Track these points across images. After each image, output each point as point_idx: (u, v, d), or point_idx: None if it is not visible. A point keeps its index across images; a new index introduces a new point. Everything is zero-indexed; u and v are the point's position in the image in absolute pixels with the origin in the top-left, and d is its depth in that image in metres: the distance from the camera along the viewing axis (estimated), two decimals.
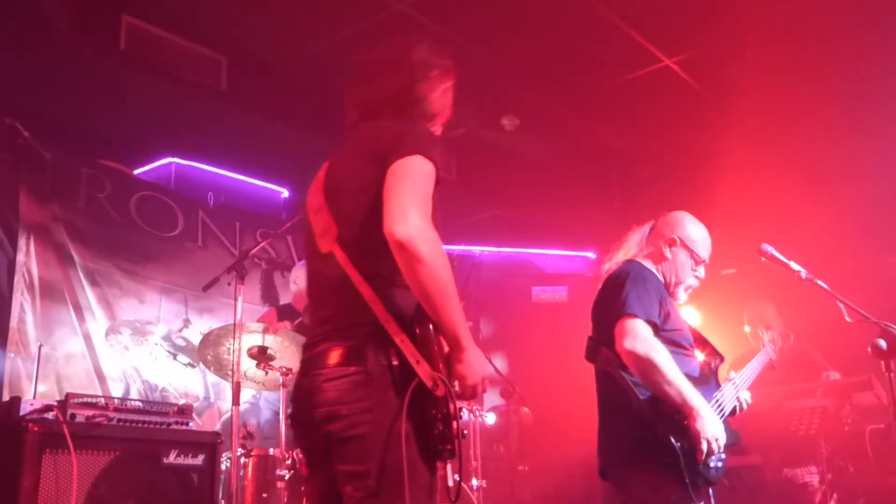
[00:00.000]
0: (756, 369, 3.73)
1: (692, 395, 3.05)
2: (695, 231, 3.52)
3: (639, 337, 3.08)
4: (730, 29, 5.46)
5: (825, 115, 6.38)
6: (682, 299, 3.51)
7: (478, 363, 2.22)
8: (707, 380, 3.32)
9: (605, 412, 3.32)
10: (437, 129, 2.65)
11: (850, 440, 4.72)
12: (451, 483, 2.17)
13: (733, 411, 3.48)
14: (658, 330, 3.17)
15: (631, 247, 3.58)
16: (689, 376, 3.18)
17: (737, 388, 3.48)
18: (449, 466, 2.18)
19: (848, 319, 3.42)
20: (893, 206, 6.93)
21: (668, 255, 3.46)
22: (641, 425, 3.04)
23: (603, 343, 3.22)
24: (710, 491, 3.16)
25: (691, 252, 3.47)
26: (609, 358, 3.16)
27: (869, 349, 3.29)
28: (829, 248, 6.39)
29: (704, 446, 3.00)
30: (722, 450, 3.08)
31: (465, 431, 2.21)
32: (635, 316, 3.12)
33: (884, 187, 6.89)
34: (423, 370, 2.11)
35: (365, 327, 2.17)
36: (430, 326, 2.16)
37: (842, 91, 6.13)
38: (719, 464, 3.12)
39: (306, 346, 2.34)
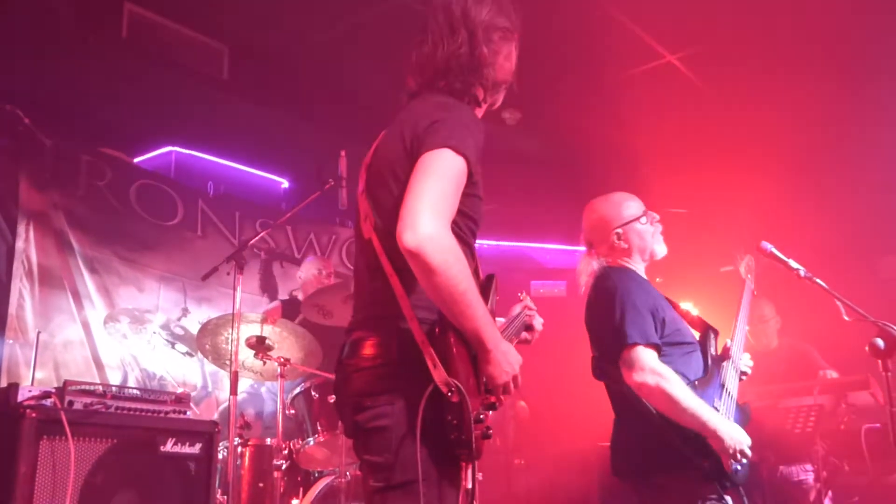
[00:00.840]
0: (745, 309, 3.69)
1: (709, 418, 3.03)
2: (614, 208, 3.53)
3: (646, 368, 3.05)
4: (732, 26, 5.45)
5: (826, 113, 6.37)
6: (662, 251, 3.48)
7: (506, 362, 2.15)
8: (712, 372, 3.30)
9: (623, 424, 3.27)
10: (499, 99, 2.57)
11: (845, 439, 4.73)
12: (468, 486, 2.10)
13: (742, 375, 3.49)
14: (661, 350, 3.15)
15: (587, 268, 3.56)
16: (698, 380, 3.17)
17: (734, 362, 3.45)
18: (470, 469, 2.12)
19: (846, 318, 3.43)
20: (892, 206, 6.94)
21: (625, 245, 3.44)
22: (663, 445, 3.04)
23: (608, 362, 3.20)
24: (741, 489, 3.15)
25: (631, 222, 3.45)
26: (616, 376, 3.14)
27: (866, 348, 3.29)
28: (827, 247, 6.39)
29: (731, 461, 3.01)
30: (748, 455, 3.07)
31: (490, 431, 2.11)
32: (636, 345, 3.10)
33: (883, 186, 6.89)
34: (438, 375, 2.04)
35: (392, 321, 2.14)
36: (452, 329, 2.09)
37: (843, 90, 6.13)
38: (744, 460, 3.12)
39: (346, 331, 2.31)
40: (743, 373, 3.49)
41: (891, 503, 4.56)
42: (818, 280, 3.49)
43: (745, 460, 3.11)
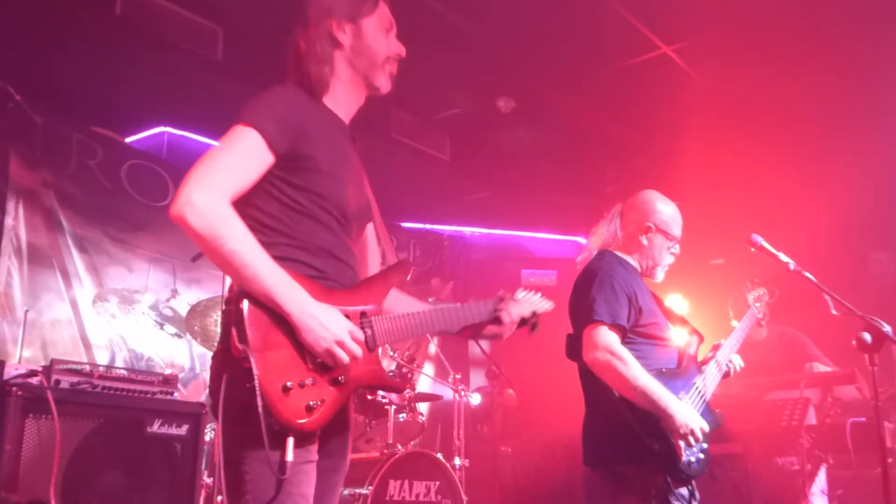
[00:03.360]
0: (743, 331, 3.72)
1: (660, 396, 3.04)
2: (666, 211, 3.50)
3: (600, 346, 3.08)
4: (728, 18, 5.44)
5: (820, 108, 6.39)
6: (660, 278, 3.51)
7: (319, 326, 2.08)
8: (686, 369, 3.32)
9: (589, 406, 3.33)
10: (376, 80, 2.46)
11: (831, 432, 4.76)
12: (287, 459, 2.03)
13: (727, 374, 3.50)
14: (626, 332, 3.17)
15: (601, 235, 3.56)
16: (666, 368, 3.20)
17: (718, 365, 3.47)
18: (291, 440, 2.05)
19: (834, 312, 3.44)
20: (882, 202, 6.96)
21: (645, 242, 3.45)
22: (623, 424, 3.06)
23: (578, 340, 3.22)
24: (693, 483, 3.17)
25: (666, 234, 3.46)
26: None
27: (853, 342, 3.30)
28: (817, 241, 6.41)
29: (681, 443, 3.02)
30: (702, 439, 3.09)
31: (317, 404, 2.09)
32: (601, 322, 3.12)
33: (874, 183, 6.91)
34: (231, 343, 2.03)
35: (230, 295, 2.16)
36: (246, 294, 2.06)
37: (838, 84, 6.14)
38: (700, 455, 3.14)
39: None
40: (727, 373, 3.50)
41: (874, 497, 4.59)
42: (807, 274, 3.50)
43: (701, 455, 3.12)
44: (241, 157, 2.17)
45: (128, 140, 6.68)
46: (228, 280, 2.04)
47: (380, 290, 2.37)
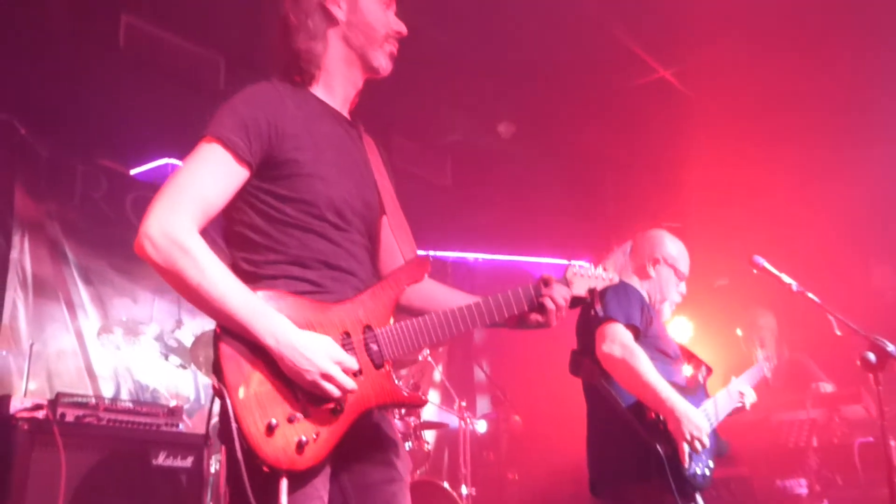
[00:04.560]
0: (749, 383, 3.74)
1: (669, 396, 3.05)
2: (675, 248, 3.59)
3: (616, 340, 3.11)
4: (724, 41, 5.49)
5: (817, 128, 6.41)
6: (667, 316, 3.55)
7: (300, 357, 1.88)
8: (694, 390, 3.33)
9: (592, 425, 3.33)
10: (374, 59, 2.23)
11: (838, 452, 4.74)
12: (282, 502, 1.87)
13: (741, 408, 3.50)
14: (639, 334, 3.19)
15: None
16: (674, 384, 3.20)
17: (732, 395, 3.48)
18: (284, 483, 1.87)
19: (837, 332, 3.45)
20: (883, 218, 6.97)
21: (653, 273, 3.51)
22: (627, 434, 3.05)
23: (585, 355, 3.23)
24: (699, 498, 3.16)
25: (674, 269, 3.53)
26: (591, 369, 3.16)
27: (858, 362, 3.30)
28: (820, 259, 6.41)
29: (686, 447, 3.01)
30: (707, 455, 3.08)
31: (309, 440, 1.89)
32: (615, 320, 3.14)
33: (875, 199, 6.92)
34: (213, 385, 1.88)
35: None
36: (224, 329, 1.92)
37: (835, 104, 6.16)
38: (706, 471, 3.13)
39: None
40: (742, 407, 3.51)
41: None
42: (810, 294, 3.51)
43: (707, 471, 3.11)
44: (205, 174, 1.98)
45: (132, 172, 6.71)
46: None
47: (389, 295, 2.11)
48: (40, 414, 3.78)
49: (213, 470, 4.47)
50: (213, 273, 1.89)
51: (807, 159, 6.77)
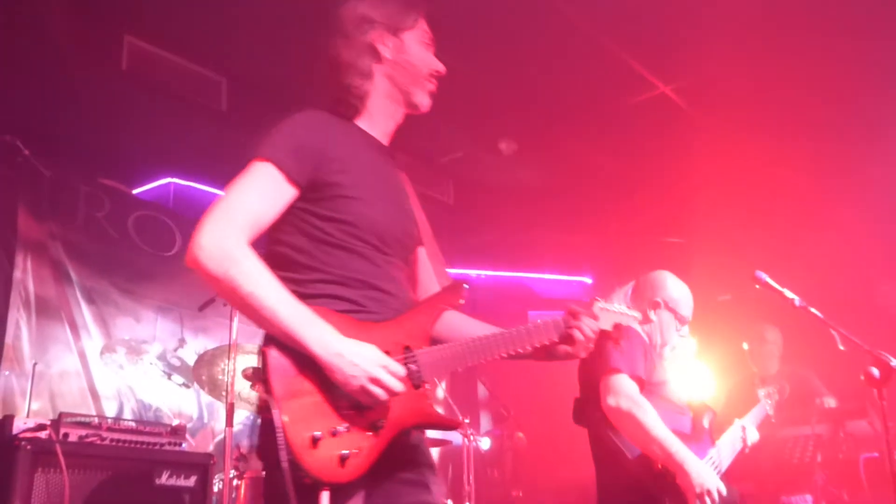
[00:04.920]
0: (753, 423, 3.73)
1: (677, 450, 3.01)
2: (676, 291, 3.54)
3: (622, 393, 3.07)
4: (725, 57, 5.51)
5: (819, 142, 6.42)
6: (668, 359, 3.52)
7: (348, 364, 1.93)
8: (699, 436, 3.30)
9: (600, 474, 3.29)
10: (416, 96, 2.35)
11: (844, 468, 4.72)
12: None
13: (742, 450, 3.47)
14: (644, 384, 3.16)
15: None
16: (679, 432, 3.16)
17: (735, 440, 3.46)
18: (325, 495, 1.90)
19: (841, 347, 3.43)
20: (887, 235, 6.97)
21: (653, 317, 3.47)
22: (635, 487, 3.02)
23: (589, 403, 3.20)
24: None
25: (675, 313, 3.49)
26: (597, 419, 3.14)
27: (861, 377, 3.29)
28: (823, 275, 6.41)
29: (697, 503, 2.97)
30: (716, 501, 3.01)
31: (350, 453, 1.93)
32: (619, 371, 3.11)
33: (879, 215, 6.92)
34: (259, 391, 1.94)
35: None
36: (272, 340, 1.96)
37: (836, 118, 6.18)
38: None
39: None
40: (745, 445, 3.48)
41: None
42: (813, 309, 3.50)
43: None
44: (257, 192, 2.07)
45: (135, 191, 6.75)
46: (236, 328, 1.99)
47: (427, 318, 2.18)
48: (43, 434, 3.76)
49: (216, 489, 4.45)
50: (265, 283, 1.95)
51: (809, 175, 6.78)
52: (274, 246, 2.16)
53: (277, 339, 1.95)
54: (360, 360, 1.94)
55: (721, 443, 3.39)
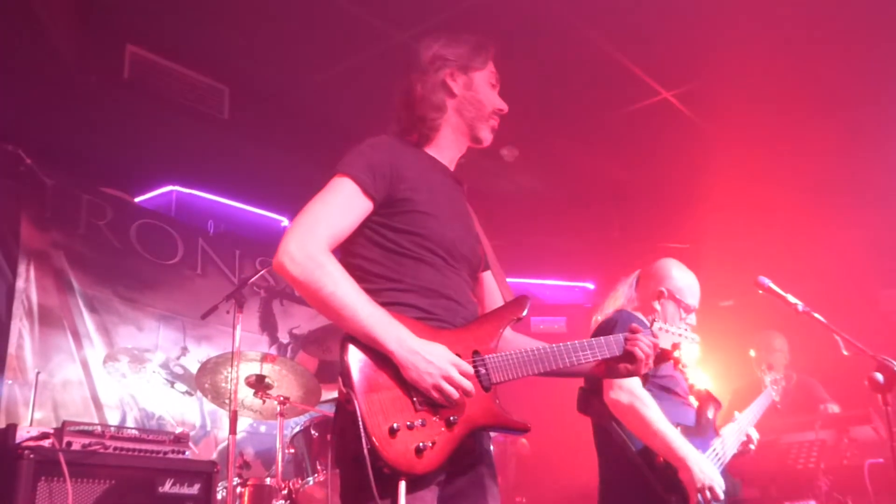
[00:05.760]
0: (757, 412, 3.72)
1: (680, 446, 3.01)
2: (682, 279, 3.52)
3: (624, 387, 3.07)
4: (727, 62, 5.51)
5: (822, 147, 6.42)
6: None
7: (423, 361, 2.06)
8: (704, 429, 3.29)
9: (603, 466, 3.29)
10: (480, 131, 2.53)
11: (848, 474, 4.70)
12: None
13: (746, 450, 3.46)
14: (647, 378, 3.16)
15: (619, 297, 3.58)
16: (683, 425, 3.16)
17: (740, 431, 3.45)
18: (403, 484, 1.99)
19: (845, 352, 3.42)
20: (890, 240, 6.96)
21: (658, 307, 3.45)
22: (636, 480, 3.01)
23: (594, 394, 3.20)
24: None
25: (679, 302, 3.47)
26: (600, 410, 3.14)
27: (866, 382, 3.28)
28: (826, 280, 6.40)
29: (698, 498, 2.97)
30: (719, 497, 3.02)
31: (429, 444, 2.04)
32: None
33: (882, 220, 6.91)
34: (339, 389, 2.07)
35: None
36: (349, 338, 2.10)
37: (840, 124, 6.18)
38: None
39: None
40: (746, 446, 3.47)
41: None
42: (816, 314, 3.49)
43: None
44: (337, 204, 2.22)
45: (137, 199, 6.76)
46: (238, 337, 2.04)
47: (494, 327, 2.32)
48: (46, 443, 3.77)
49: (219, 497, 4.45)
50: (345, 285, 2.11)
51: (814, 181, 6.77)
52: (349, 258, 2.30)
53: (356, 338, 2.08)
54: (434, 357, 2.07)
55: (726, 433, 3.38)
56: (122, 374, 5.52)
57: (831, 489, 4.70)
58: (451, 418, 2.08)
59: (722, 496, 3.02)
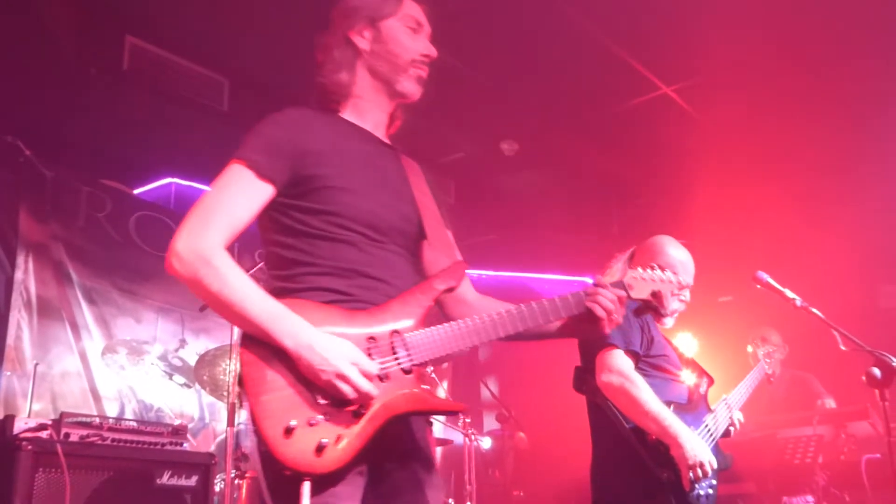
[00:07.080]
0: (750, 385, 3.73)
1: (671, 423, 3.03)
2: (676, 256, 3.51)
3: (614, 369, 3.09)
4: (727, 58, 5.51)
5: (822, 143, 6.42)
6: (669, 325, 3.52)
7: (317, 357, 1.90)
8: (696, 405, 3.32)
9: (596, 444, 3.31)
10: (399, 84, 2.30)
11: (845, 469, 4.71)
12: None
13: (727, 433, 3.48)
14: (639, 358, 3.18)
15: (614, 273, 3.57)
16: (676, 402, 3.18)
17: (730, 408, 3.47)
18: (306, 485, 1.87)
19: (842, 348, 3.43)
20: (889, 236, 6.96)
21: None
22: (629, 457, 3.03)
23: (588, 372, 3.22)
24: None
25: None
26: (595, 388, 3.16)
27: (863, 378, 3.29)
28: (825, 276, 6.40)
29: (690, 474, 2.99)
30: (711, 475, 3.06)
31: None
32: (615, 347, 3.12)
33: (880, 216, 6.91)
34: (235, 385, 2.04)
35: None
36: (246, 336, 1.98)
37: (838, 120, 6.18)
38: (710, 490, 3.11)
39: None
40: (733, 424, 3.49)
41: None
42: (814, 310, 3.49)
43: (710, 490, 3.09)
44: (230, 194, 2.08)
45: (136, 191, 6.75)
46: (237, 329, 1.98)
47: (420, 301, 2.10)
48: (44, 434, 3.77)
49: (217, 489, 4.46)
50: (233, 281, 1.97)
51: (812, 176, 6.77)
52: (266, 247, 2.19)
53: (253, 336, 1.96)
54: (330, 354, 1.91)
55: (718, 409, 3.41)
56: (121, 365, 5.52)
57: (828, 484, 4.71)
58: (360, 409, 1.93)
59: (710, 472, 3.05)
